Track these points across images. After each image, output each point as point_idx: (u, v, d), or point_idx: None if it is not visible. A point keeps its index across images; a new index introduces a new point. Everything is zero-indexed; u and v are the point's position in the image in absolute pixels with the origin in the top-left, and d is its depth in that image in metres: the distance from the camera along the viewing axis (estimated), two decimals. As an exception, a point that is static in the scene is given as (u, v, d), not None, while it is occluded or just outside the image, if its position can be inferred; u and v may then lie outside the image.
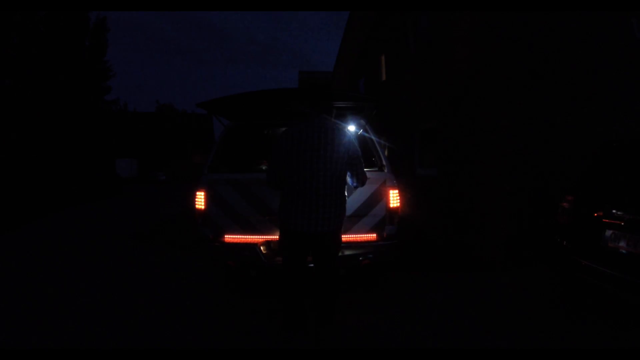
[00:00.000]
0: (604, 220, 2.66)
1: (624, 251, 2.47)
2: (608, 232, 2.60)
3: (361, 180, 2.37)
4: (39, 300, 3.31)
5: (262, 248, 3.04)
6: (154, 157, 36.09)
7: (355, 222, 3.19)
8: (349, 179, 2.36)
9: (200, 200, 3.25)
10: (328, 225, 2.17)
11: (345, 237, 3.10)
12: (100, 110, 20.88)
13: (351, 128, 4.12)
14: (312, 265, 2.37)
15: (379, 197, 3.23)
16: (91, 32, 19.68)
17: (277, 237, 2.53)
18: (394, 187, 3.30)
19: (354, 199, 3.15)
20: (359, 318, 2.86)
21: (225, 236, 3.20)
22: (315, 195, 2.13)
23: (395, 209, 3.28)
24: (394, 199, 3.28)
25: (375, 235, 3.22)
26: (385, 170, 3.45)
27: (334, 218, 2.19)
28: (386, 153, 5.43)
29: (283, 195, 2.25)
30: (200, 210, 3.27)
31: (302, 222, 2.14)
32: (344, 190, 2.28)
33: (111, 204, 12.41)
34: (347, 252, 3.05)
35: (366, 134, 3.73)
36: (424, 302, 3.20)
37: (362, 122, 3.75)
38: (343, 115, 3.85)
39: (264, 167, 4.05)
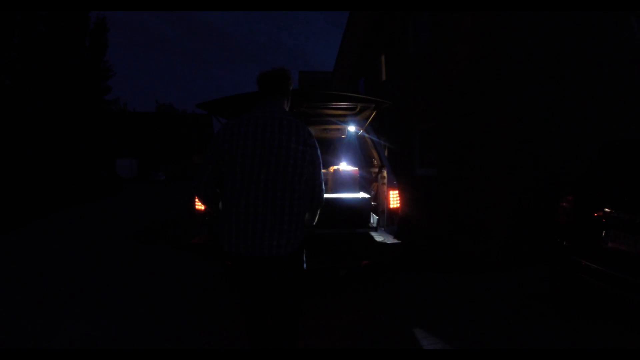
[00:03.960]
0: (603, 220, 2.66)
1: (624, 251, 2.47)
2: (608, 232, 2.60)
3: (315, 197, 1.73)
4: (39, 300, 3.31)
5: None
6: (154, 157, 36.11)
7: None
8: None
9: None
10: (282, 245, 1.56)
11: None
12: (100, 110, 20.88)
13: (351, 128, 4.13)
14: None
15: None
16: (91, 32, 19.69)
17: None
18: (393, 188, 3.30)
19: None
20: (359, 318, 2.86)
21: None
22: (263, 205, 1.55)
23: (395, 210, 3.28)
24: (393, 199, 3.28)
25: None
26: (385, 171, 3.45)
27: (289, 236, 1.58)
28: (386, 153, 5.43)
29: (223, 209, 1.65)
30: (199, 210, 3.27)
31: (246, 242, 1.54)
32: (302, 202, 1.65)
33: (111, 204, 12.40)
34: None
35: (366, 134, 3.73)
36: (423, 302, 3.20)
37: (362, 122, 3.75)
38: (343, 116, 3.85)
39: None
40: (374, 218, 3.69)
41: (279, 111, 1.70)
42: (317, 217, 1.84)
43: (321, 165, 1.73)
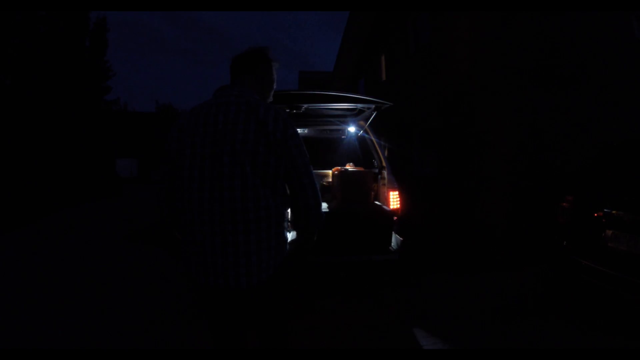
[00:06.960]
0: (603, 220, 2.66)
1: (624, 251, 2.47)
2: (608, 232, 2.60)
3: (302, 202, 1.29)
4: (38, 300, 3.31)
5: None
6: (154, 157, 36.10)
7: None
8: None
9: None
10: (253, 271, 1.20)
11: None
12: (100, 110, 20.91)
13: (351, 129, 4.13)
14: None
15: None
16: (91, 32, 19.73)
17: None
18: (394, 189, 3.31)
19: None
20: (359, 318, 2.86)
21: None
22: (220, 219, 1.19)
23: (395, 210, 3.28)
24: (394, 200, 3.28)
25: None
26: (386, 172, 3.46)
27: (260, 257, 1.21)
28: (386, 153, 5.43)
29: (180, 225, 1.33)
30: None
31: (205, 268, 1.22)
32: (272, 209, 1.24)
33: (111, 204, 12.40)
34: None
35: (366, 135, 3.73)
36: (423, 302, 3.20)
37: (362, 122, 3.75)
38: (343, 116, 3.86)
39: None
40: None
41: (238, 94, 1.31)
42: (312, 234, 1.37)
43: (306, 154, 1.29)
